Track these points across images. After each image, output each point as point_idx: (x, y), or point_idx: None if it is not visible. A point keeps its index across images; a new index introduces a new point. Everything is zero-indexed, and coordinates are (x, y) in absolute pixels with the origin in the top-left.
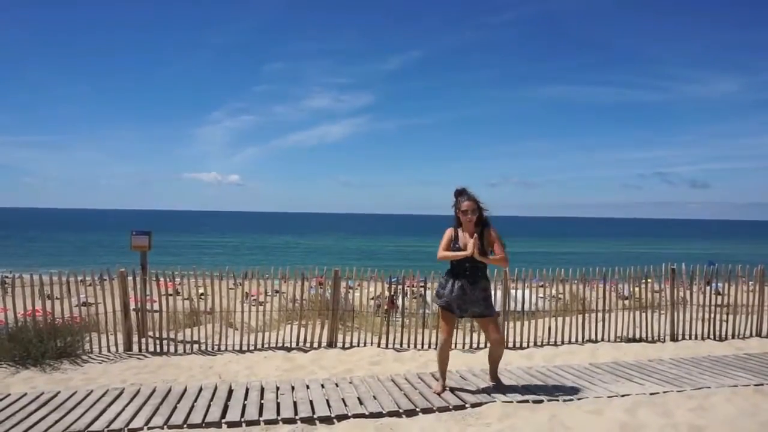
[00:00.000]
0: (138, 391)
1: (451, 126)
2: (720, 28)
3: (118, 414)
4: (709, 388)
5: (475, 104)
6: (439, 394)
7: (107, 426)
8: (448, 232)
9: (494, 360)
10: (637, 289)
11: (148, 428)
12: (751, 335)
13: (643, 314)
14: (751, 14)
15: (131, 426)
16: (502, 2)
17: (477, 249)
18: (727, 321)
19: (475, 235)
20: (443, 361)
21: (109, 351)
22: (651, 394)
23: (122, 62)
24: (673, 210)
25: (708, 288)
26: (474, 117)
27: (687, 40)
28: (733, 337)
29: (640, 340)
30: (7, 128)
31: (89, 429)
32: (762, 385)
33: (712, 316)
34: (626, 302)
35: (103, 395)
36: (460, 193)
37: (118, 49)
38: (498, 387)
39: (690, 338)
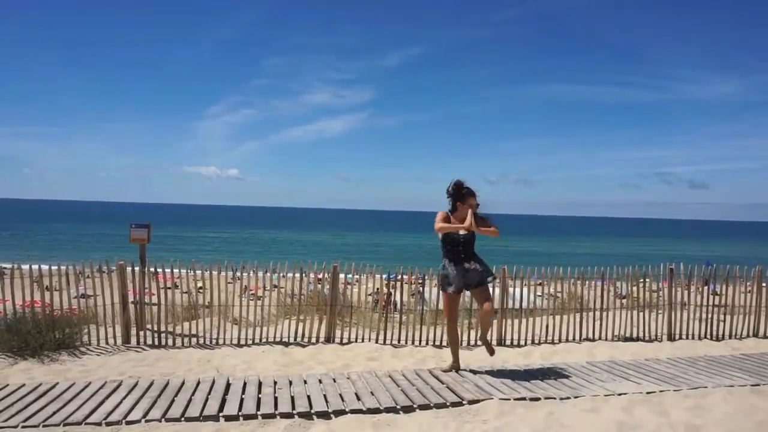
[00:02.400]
0: (136, 384)
1: (451, 123)
2: (720, 29)
3: (116, 406)
4: (706, 387)
5: (476, 101)
6: (446, 371)
7: (105, 418)
8: (442, 213)
9: (485, 327)
10: (634, 288)
11: (146, 421)
12: (747, 335)
13: (641, 314)
14: (752, 15)
15: (129, 418)
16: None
17: (472, 222)
18: (724, 321)
19: (470, 211)
20: (455, 341)
21: (107, 343)
22: (648, 393)
23: (122, 55)
24: (671, 210)
25: (705, 288)
26: (474, 114)
27: (687, 41)
28: (729, 338)
29: (637, 339)
30: (6, 119)
31: (87, 421)
32: (758, 385)
33: (709, 316)
34: (624, 301)
35: (101, 387)
36: (462, 187)
37: (119, 42)
38: (494, 376)
39: (687, 338)
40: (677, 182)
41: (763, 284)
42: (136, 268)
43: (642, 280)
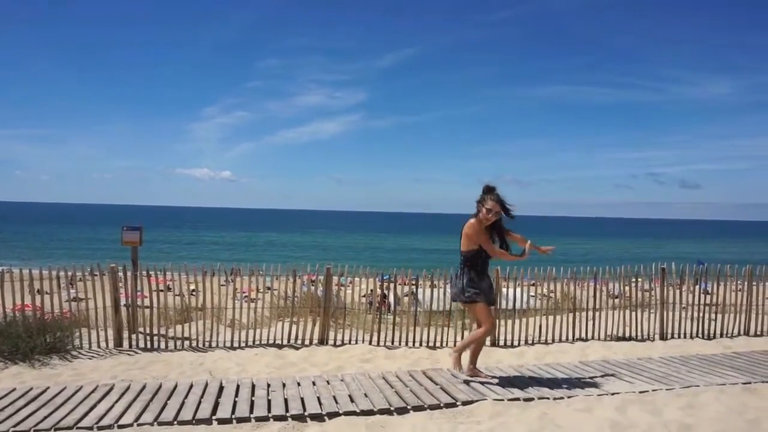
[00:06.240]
0: (128, 388)
1: (445, 124)
2: (712, 31)
3: (108, 410)
4: (698, 386)
5: (470, 103)
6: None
7: (97, 422)
8: (479, 226)
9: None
10: (627, 288)
11: (138, 425)
12: (739, 334)
13: (633, 313)
14: (744, 17)
15: (121, 422)
16: (499, 1)
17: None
18: (715, 320)
19: (528, 242)
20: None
21: (99, 347)
22: (640, 392)
23: (116, 57)
24: (663, 210)
25: (697, 287)
26: (468, 115)
27: (679, 42)
28: (721, 336)
29: (630, 338)
30: None
31: (79, 425)
32: (749, 383)
33: (701, 315)
34: (616, 301)
35: (92, 391)
36: (489, 191)
37: (112, 44)
38: (487, 383)
39: (679, 337)
40: (669, 182)
41: (754, 283)
42: (128, 271)
43: (634, 279)
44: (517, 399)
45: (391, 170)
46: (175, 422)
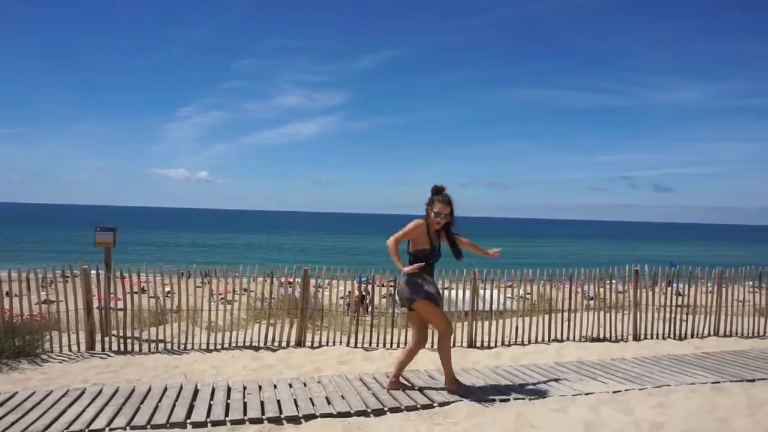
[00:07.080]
0: (100, 392)
1: (423, 126)
2: (685, 38)
3: (79, 415)
4: (669, 386)
5: (448, 105)
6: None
7: (67, 427)
8: (419, 225)
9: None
10: (601, 289)
11: (110, 429)
12: (709, 335)
13: (607, 314)
14: (714, 25)
15: (92, 427)
16: (479, 4)
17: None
18: (686, 321)
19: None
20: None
21: (70, 350)
22: (614, 392)
23: (91, 56)
24: (637, 213)
25: (669, 289)
26: (446, 118)
27: (655, 48)
28: (692, 337)
29: (604, 339)
30: None
31: (48, 430)
32: (719, 382)
33: (673, 316)
34: (591, 303)
35: (63, 396)
36: (437, 192)
37: (88, 44)
38: (464, 378)
39: (651, 338)
40: (643, 186)
41: (723, 285)
42: (101, 273)
43: (608, 281)
44: (494, 400)
45: (371, 172)
46: (149, 426)
